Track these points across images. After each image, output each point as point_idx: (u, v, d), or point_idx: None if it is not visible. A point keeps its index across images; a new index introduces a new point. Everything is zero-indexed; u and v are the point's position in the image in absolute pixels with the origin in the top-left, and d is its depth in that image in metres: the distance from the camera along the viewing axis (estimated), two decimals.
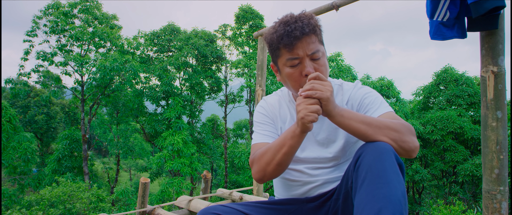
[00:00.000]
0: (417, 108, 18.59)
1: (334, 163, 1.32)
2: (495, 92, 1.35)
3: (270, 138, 1.34)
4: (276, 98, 1.46)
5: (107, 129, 17.85)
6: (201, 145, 18.09)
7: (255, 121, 1.45)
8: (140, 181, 2.11)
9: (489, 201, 1.35)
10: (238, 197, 2.62)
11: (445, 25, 1.39)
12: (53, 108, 24.46)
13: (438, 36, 1.41)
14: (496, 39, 1.36)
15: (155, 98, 16.27)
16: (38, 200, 8.73)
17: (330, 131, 1.32)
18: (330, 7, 2.09)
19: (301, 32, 1.18)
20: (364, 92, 1.30)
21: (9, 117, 13.80)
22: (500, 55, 1.35)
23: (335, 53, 16.99)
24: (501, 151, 1.33)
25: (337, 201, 1.20)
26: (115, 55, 14.25)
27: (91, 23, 15.75)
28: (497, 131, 1.35)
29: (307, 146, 1.35)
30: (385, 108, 1.22)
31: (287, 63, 1.23)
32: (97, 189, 9.15)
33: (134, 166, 32.25)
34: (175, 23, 17.73)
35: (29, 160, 14.24)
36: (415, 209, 16.11)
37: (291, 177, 1.36)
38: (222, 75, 18.87)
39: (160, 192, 14.17)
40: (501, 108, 1.35)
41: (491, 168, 1.35)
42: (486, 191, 1.37)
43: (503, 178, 1.33)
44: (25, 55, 14.59)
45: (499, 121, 1.35)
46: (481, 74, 1.39)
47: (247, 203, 1.31)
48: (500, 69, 1.35)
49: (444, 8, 1.36)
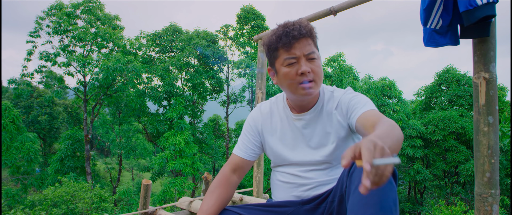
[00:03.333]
0: (419, 108, 18.58)
1: (326, 165, 1.37)
2: (487, 98, 1.39)
3: (244, 153, 1.47)
4: (270, 106, 1.52)
5: (110, 129, 17.94)
6: (203, 145, 18.15)
7: (243, 128, 1.56)
8: (142, 183, 2.16)
9: (480, 204, 1.38)
10: (238, 198, 2.66)
11: (438, 32, 1.43)
12: (56, 108, 24.59)
13: (432, 43, 1.45)
14: (488, 47, 1.39)
15: (157, 99, 16.34)
16: (41, 200, 8.80)
17: (322, 136, 1.37)
18: (328, 12, 2.13)
19: (299, 33, 1.26)
20: (351, 96, 1.35)
21: (13, 117, 13.90)
22: (491, 62, 1.39)
23: (336, 54, 17.02)
24: (493, 155, 1.37)
25: (332, 203, 1.24)
26: (118, 56, 14.31)
27: (94, 24, 15.83)
28: (488, 135, 1.38)
29: (300, 150, 1.40)
30: (369, 107, 1.26)
31: (284, 62, 1.29)
32: (100, 189, 9.21)
33: (136, 166, 32.35)
34: (177, 24, 17.79)
35: (32, 160, 14.34)
36: (417, 209, 16.12)
37: (286, 179, 1.42)
38: (224, 76, 18.92)
39: (162, 192, 14.24)
40: (492, 113, 1.39)
41: (482, 171, 1.39)
42: (478, 194, 1.40)
43: (494, 182, 1.36)
44: (28, 55, 14.68)
45: (491, 126, 1.38)
46: (474, 80, 1.42)
47: (245, 205, 1.36)
48: (491, 75, 1.38)
49: (437, 16, 1.40)
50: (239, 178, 1.47)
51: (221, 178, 1.42)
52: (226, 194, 1.38)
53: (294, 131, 1.42)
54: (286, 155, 1.42)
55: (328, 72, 16.77)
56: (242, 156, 1.47)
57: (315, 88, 1.30)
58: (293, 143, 1.42)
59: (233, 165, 1.45)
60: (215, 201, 1.33)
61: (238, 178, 1.46)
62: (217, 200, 1.34)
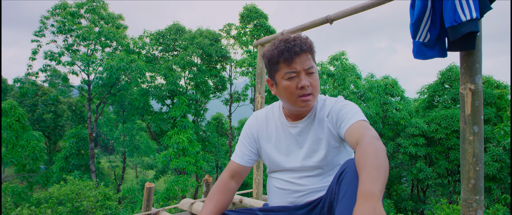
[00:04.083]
0: (422, 106, 18.55)
1: (319, 171, 1.45)
2: (473, 108, 1.45)
3: (241, 160, 1.55)
4: (266, 114, 1.60)
5: (114, 127, 18.09)
6: (206, 143, 18.25)
7: (240, 135, 1.64)
8: (145, 186, 2.24)
9: (466, 209, 1.45)
10: (238, 200, 2.74)
11: (426, 45, 1.50)
12: (60, 106, 24.78)
13: (420, 56, 1.52)
14: (474, 59, 1.46)
15: (160, 97, 16.44)
16: (46, 198, 8.94)
17: (313, 142, 1.45)
18: (324, 21, 2.20)
19: (300, 49, 1.34)
20: (341, 105, 1.42)
21: (18, 115, 14.06)
22: (477, 73, 1.45)
23: (339, 52, 17.02)
24: (477, 163, 1.44)
25: (322, 209, 1.32)
26: (121, 55, 14.43)
27: (97, 23, 15.95)
28: (473, 144, 1.45)
29: (294, 156, 1.49)
30: (358, 117, 1.33)
31: (285, 76, 1.37)
32: (104, 187, 9.34)
33: (140, 163, 32.58)
34: (180, 23, 17.87)
35: (37, 158, 14.51)
36: (419, 207, 16.15)
37: (281, 185, 1.50)
38: (227, 74, 19.00)
39: (166, 190, 14.37)
40: (477, 123, 1.45)
41: (468, 178, 1.45)
42: (464, 200, 1.47)
43: (479, 188, 1.43)
44: (33, 55, 14.84)
45: (476, 135, 1.45)
46: (460, 91, 1.49)
47: (242, 210, 1.44)
48: (477, 87, 1.45)
49: (425, 30, 1.47)
50: (237, 184, 1.55)
51: (220, 184, 1.50)
52: (224, 199, 1.46)
53: (289, 138, 1.50)
54: (281, 161, 1.50)
55: (331, 71, 16.78)
56: (239, 162, 1.54)
57: (313, 100, 1.39)
58: (287, 149, 1.50)
59: (231, 171, 1.53)
60: (214, 206, 1.41)
61: (236, 184, 1.54)
62: (216, 205, 1.42)
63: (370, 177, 0.98)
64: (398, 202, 16.83)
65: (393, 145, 15.76)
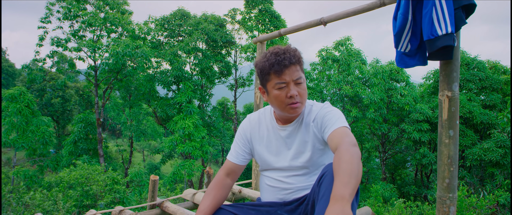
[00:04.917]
0: (427, 92, 18.49)
1: (305, 171, 1.59)
2: (449, 113, 1.57)
3: (236, 159, 1.68)
4: (258, 117, 1.74)
5: (121, 111, 18.36)
6: (212, 128, 18.49)
7: (235, 136, 1.78)
8: (150, 179, 2.41)
9: (440, 206, 1.59)
10: (237, 190, 2.91)
11: (407, 55, 1.60)
12: (68, 91, 25.16)
13: (402, 64, 1.63)
14: (451, 68, 1.56)
15: (166, 83, 16.60)
16: (57, 182, 9.24)
17: (300, 144, 1.59)
18: (318, 22, 2.29)
19: (289, 62, 1.47)
20: (326, 112, 1.54)
21: (27, 101, 14.35)
22: (454, 81, 1.56)
23: (344, 38, 16.94)
24: (452, 164, 1.56)
25: (307, 206, 1.47)
26: (127, 41, 14.52)
27: (103, 9, 15.99)
28: (449, 147, 1.57)
29: (283, 156, 1.63)
30: (340, 124, 1.45)
31: (275, 86, 1.50)
32: (113, 171, 9.61)
33: (147, 147, 33.11)
34: (185, 8, 17.85)
35: (47, 142, 14.88)
36: (422, 192, 16.35)
37: (272, 183, 1.65)
38: (232, 60, 19.05)
39: (172, 174, 14.70)
40: (453, 128, 1.57)
41: (443, 178, 1.58)
42: (439, 197, 1.61)
43: (452, 187, 1.56)
44: (40, 41, 15.01)
45: (451, 138, 1.57)
46: (439, 97, 1.60)
47: (237, 204, 1.60)
48: (453, 94, 1.56)
49: (406, 41, 1.57)
50: (233, 181, 1.70)
51: (217, 181, 1.65)
52: (220, 196, 1.61)
53: (278, 140, 1.64)
54: (271, 161, 1.65)
55: (336, 56, 16.75)
56: (234, 161, 1.69)
57: (301, 108, 1.53)
58: (277, 150, 1.64)
59: (226, 169, 1.68)
60: (211, 202, 1.56)
61: (232, 181, 1.69)
62: (212, 200, 1.57)
63: (343, 181, 1.12)
64: (401, 186, 17.04)
65: (397, 131, 15.85)
